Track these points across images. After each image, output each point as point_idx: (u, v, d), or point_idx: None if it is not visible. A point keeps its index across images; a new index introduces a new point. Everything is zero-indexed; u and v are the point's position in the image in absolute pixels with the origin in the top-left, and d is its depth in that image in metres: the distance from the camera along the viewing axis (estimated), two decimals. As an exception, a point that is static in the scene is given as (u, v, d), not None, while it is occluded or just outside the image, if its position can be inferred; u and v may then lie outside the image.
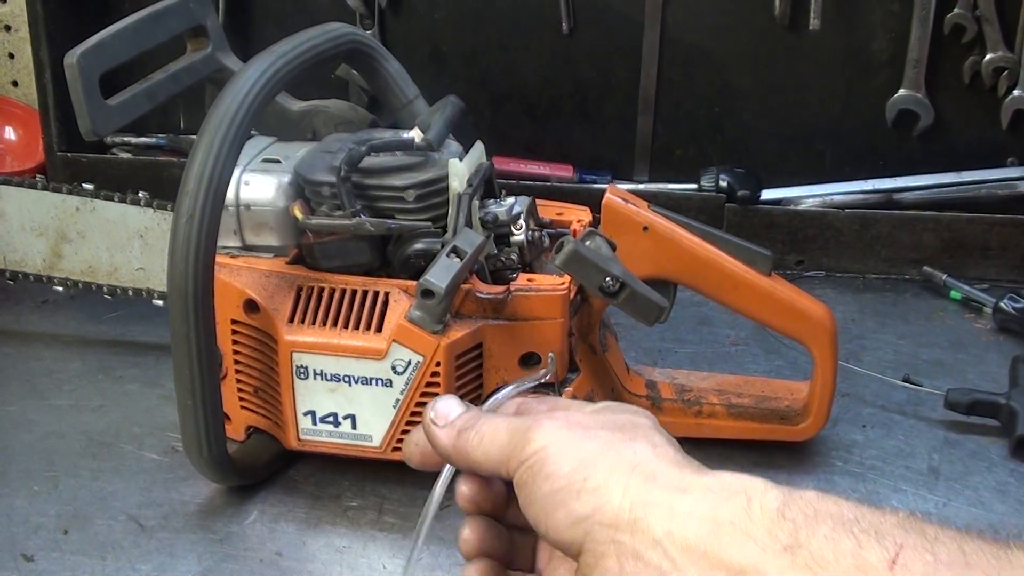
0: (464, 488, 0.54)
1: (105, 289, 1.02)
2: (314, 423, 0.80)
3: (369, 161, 0.81)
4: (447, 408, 0.53)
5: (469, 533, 0.54)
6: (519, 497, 0.48)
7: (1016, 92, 1.17)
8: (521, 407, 0.55)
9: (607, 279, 0.74)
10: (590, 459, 0.46)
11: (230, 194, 0.79)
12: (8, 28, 1.45)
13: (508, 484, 0.50)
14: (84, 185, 1.01)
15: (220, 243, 0.76)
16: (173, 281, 0.72)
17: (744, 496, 0.42)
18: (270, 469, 0.85)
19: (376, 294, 0.79)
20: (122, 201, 0.99)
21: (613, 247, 0.78)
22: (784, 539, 0.40)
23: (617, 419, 0.49)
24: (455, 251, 0.75)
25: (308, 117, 0.92)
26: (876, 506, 0.41)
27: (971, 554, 0.38)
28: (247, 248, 0.83)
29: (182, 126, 1.34)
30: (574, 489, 0.45)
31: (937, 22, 1.16)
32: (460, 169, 0.80)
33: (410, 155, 0.83)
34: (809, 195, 1.23)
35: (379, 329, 0.78)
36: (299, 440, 0.81)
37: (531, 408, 0.54)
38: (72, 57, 0.79)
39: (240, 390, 0.83)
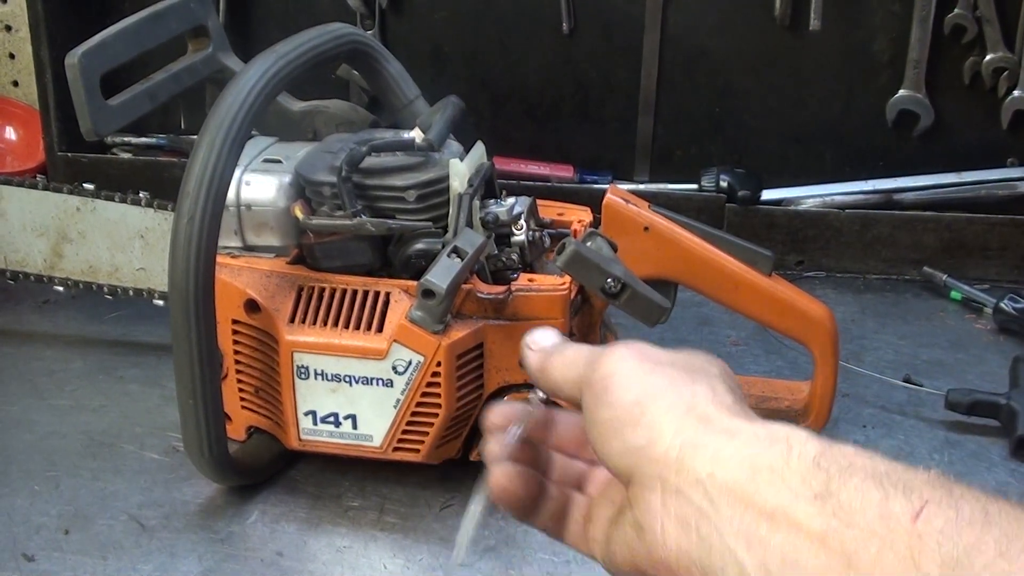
0: (499, 479, 0.55)
1: (106, 289, 1.02)
2: (315, 423, 0.80)
3: (370, 161, 0.81)
4: (543, 336, 0.55)
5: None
6: (585, 419, 0.50)
7: (1016, 92, 1.17)
8: None
9: (609, 280, 0.74)
10: (650, 394, 0.47)
11: (231, 194, 0.79)
12: (9, 28, 1.45)
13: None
14: (85, 185, 1.01)
15: (221, 243, 0.77)
16: (174, 281, 0.72)
17: (786, 444, 0.44)
18: (271, 469, 0.85)
19: (377, 294, 0.79)
20: (123, 201, 0.99)
21: (614, 248, 0.78)
22: (816, 487, 0.42)
23: (690, 361, 0.51)
24: (456, 251, 0.75)
25: (309, 117, 0.92)
26: (908, 465, 0.42)
27: (993, 515, 0.39)
28: (248, 248, 0.83)
29: (183, 126, 1.34)
30: (630, 420, 0.47)
31: (937, 23, 1.16)
32: (461, 169, 0.80)
33: (411, 155, 0.83)
34: (809, 195, 1.23)
35: (380, 329, 0.78)
36: (300, 440, 0.81)
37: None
38: (73, 57, 0.79)
39: (241, 390, 0.83)
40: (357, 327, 0.78)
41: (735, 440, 0.45)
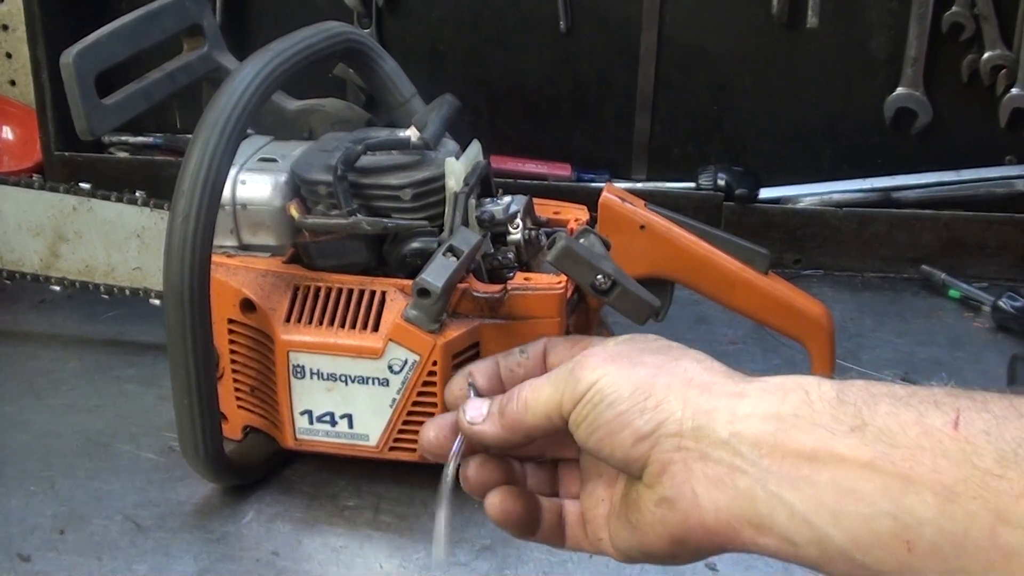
0: (472, 473, 0.56)
1: (102, 288, 1.02)
2: (311, 423, 0.80)
3: (365, 160, 0.81)
4: (475, 406, 0.55)
5: (477, 468, 0.57)
6: (578, 432, 0.50)
7: (1014, 90, 1.17)
8: (547, 348, 0.59)
9: (599, 276, 0.74)
10: (646, 381, 0.48)
11: (226, 193, 0.79)
12: (5, 27, 1.45)
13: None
14: (81, 184, 1.01)
15: (216, 242, 0.77)
16: (169, 281, 0.72)
17: (801, 391, 0.45)
18: (267, 469, 0.85)
19: (372, 293, 0.79)
20: (119, 200, 0.99)
21: (608, 245, 0.78)
22: (849, 421, 0.43)
23: (650, 346, 0.52)
24: (451, 250, 0.75)
25: (305, 116, 0.92)
26: (922, 385, 0.44)
27: (1020, 406, 0.41)
28: (244, 247, 0.83)
29: (179, 125, 1.34)
30: (636, 409, 0.47)
31: (935, 20, 1.16)
32: (457, 168, 0.80)
33: (406, 154, 0.83)
34: (807, 194, 1.23)
35: (375, 328, 0.78)
36: (296, 440, 0.81)
37: (558, 350, 0.58)
38: (68, 56, 0.79)
39: (237, 390, 0.83)
40: (353, 326, 0.78)
41: (747, 399, 0.46)
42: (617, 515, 0.52)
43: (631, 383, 0.48)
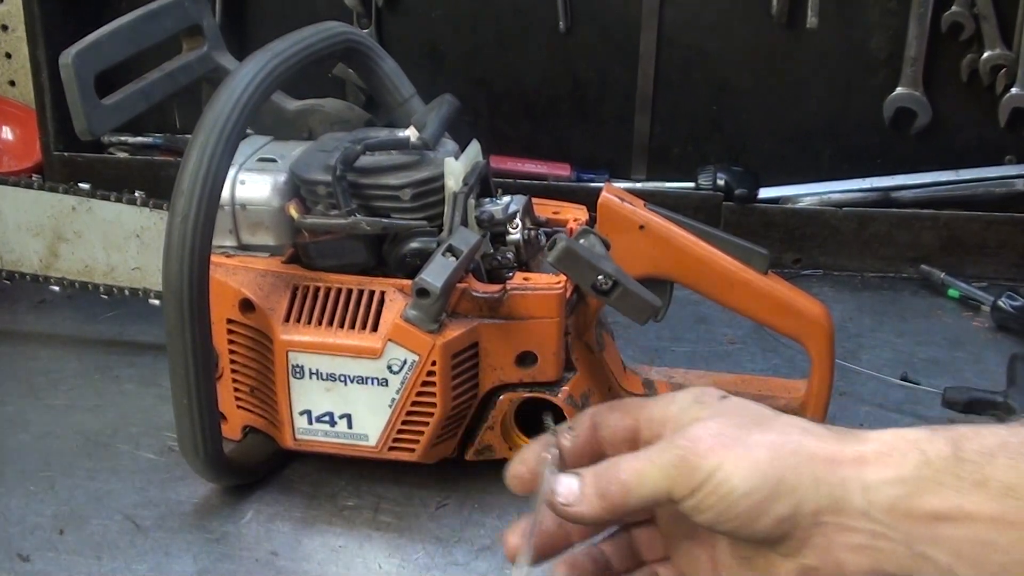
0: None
1: (102, 289, 1.02)
2: (310, 423, 0.80)
3: (365, 160, 0.81)
4: (567, 486, 0.53)
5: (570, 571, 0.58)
6: (700, 517, 0.50)
7: (1014, 90, 1.17)
8: (595, 421, 0.56)
9: (600, 277, 0.74)
10: (772, 467, 0.49)
11: (226, 193, 0.79)
12: (5, 28, 1.45)
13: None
14: (81, 185, 1.01)
15: (216, 242, 0.76)
16: (169, 281, 0.72)
17: (918, 451, 0.48)
18: (266, 469, 0.85)
19: (372, 293, 0.79)
20: (118, 201, 0.99)
21: (607, 246, 0.78)
22: (970, 477, 0.47)
23: (743, 417, 0.52)
24: (451, 250, 0.75)
25: (304, 116, 0.92)
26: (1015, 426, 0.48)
27: None
28: (243, 247, 0.83)
29: (178, 125, 1.34)
30: (772, 496, 0.49)
31: (935, 20, 1.16)
32: (456, 168, 0.80)
33: (406, 154, 0.83)
34: (807, 193, 1.23)
35: (375, 328, 0.77)
36: (295, 440, 0.81)
37: (608, 422, 0.56)
38: (67, 57, 0.79)
39: (236, 390, 0.83)
40: (352, 326, 0.78)
41: (870, 466, 0.49)
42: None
43: (757, 471, 0.49)
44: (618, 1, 1.22)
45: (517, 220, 0.82)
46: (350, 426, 0.80)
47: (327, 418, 0.80)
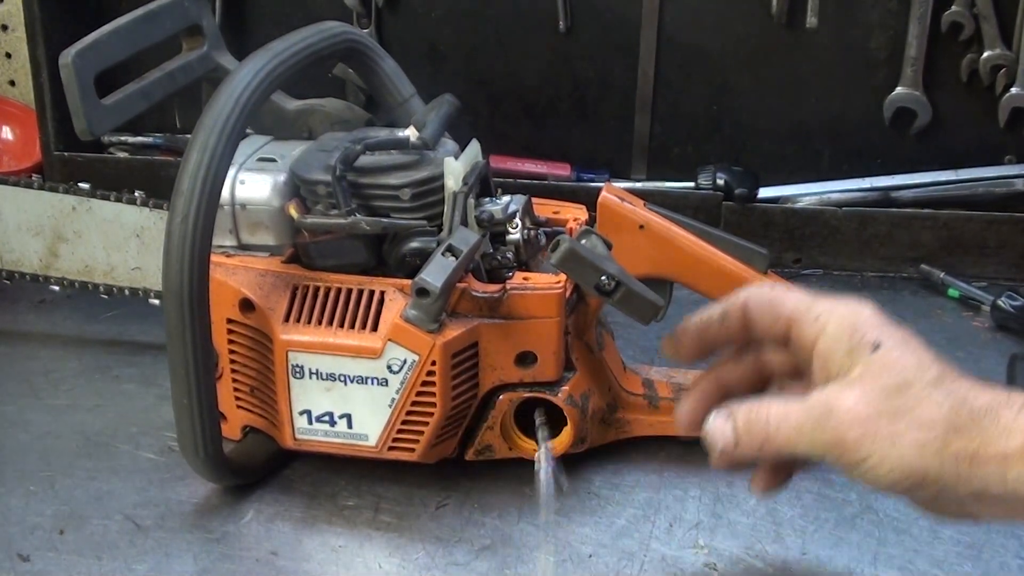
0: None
1: (102, 288, 1.02)
2: (310, 422, 0.80)
3: (365, 160, 0.81)
4: (719, 428, 0.62)
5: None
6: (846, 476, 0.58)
7: (1014, 90, 1.17)
8: (748, 304, 0.67)
9: (603, 278, 0.74)
10: (916, 462, 0.56)
11: (226, 193, 0.79)
12: (5, 28, 1.45)
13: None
14: (81, 184, 1.01)
15: (216, 242, 0.77)
16: (168, 281, 0.72)
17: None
18: (266, 468, 0.85)
19: (372, 293, 0.79)
20: (118, 200, 0.99)
21: (609, 246, 0.78)
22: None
23: (890, 378, 0.58)
24: (451, 250, 0.75)
25: (304, 116, 0.92)
26: None
27: None
28: (243, 247, 0.83)
29: (178, 125, 1.34)
30: (916, 487, 0.56)
31: (935, 20, 1.16)
32: (456, 167, 0.80)
33: (406, 154, 0.83)
34: (807, 193, 1.23)
35: (375, 328, 0.77)
36: (295, 439, 0.81)
37: (762, 309, 0.66)
38: (67, 57, 0.79)
39: (236, 389, 0.83)
40: (352, 326, 0.78)
41: (1012, 466, 0.54)
42: None
43: (903, 465, 0.55)
44: (618, 1, 1.22)
45: (517, 220, 0.82)
46: (350, 426, 0.80)
47: (327, 418, 0.80)
